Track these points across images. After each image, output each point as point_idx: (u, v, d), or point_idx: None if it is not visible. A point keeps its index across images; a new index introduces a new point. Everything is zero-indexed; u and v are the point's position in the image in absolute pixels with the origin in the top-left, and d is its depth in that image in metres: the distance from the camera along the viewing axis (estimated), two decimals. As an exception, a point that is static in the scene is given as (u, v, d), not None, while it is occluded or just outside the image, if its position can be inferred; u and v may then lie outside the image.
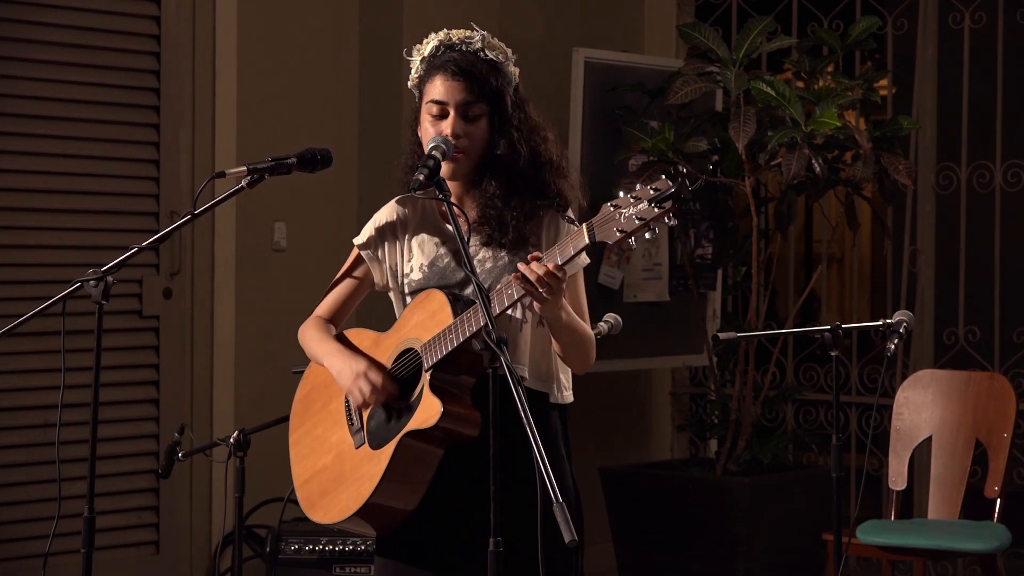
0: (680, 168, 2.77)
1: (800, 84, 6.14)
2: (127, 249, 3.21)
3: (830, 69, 6.19)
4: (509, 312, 2.98)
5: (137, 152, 5.70)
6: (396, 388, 3.10)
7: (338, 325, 3.31)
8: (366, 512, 3.06)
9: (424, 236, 3.24)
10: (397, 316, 3.23)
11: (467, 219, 3.16)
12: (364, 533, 3.23)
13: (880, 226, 6.53)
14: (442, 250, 3.19)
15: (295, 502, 5.99)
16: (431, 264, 3.19)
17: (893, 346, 4.09)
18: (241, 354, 5.92)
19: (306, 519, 5.91)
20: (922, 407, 5.19)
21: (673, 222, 2.74)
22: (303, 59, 6.11)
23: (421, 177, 3.02)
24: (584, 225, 2.81)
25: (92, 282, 3.11)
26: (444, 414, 2.95)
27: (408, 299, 3.21)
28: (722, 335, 4.62)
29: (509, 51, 3.19)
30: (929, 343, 6.59)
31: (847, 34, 5.95)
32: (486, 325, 2.84)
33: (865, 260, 10.52)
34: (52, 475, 5.26)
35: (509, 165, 3.12)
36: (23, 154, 5.46)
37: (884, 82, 7.08)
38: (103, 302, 3.11)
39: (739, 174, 5.87)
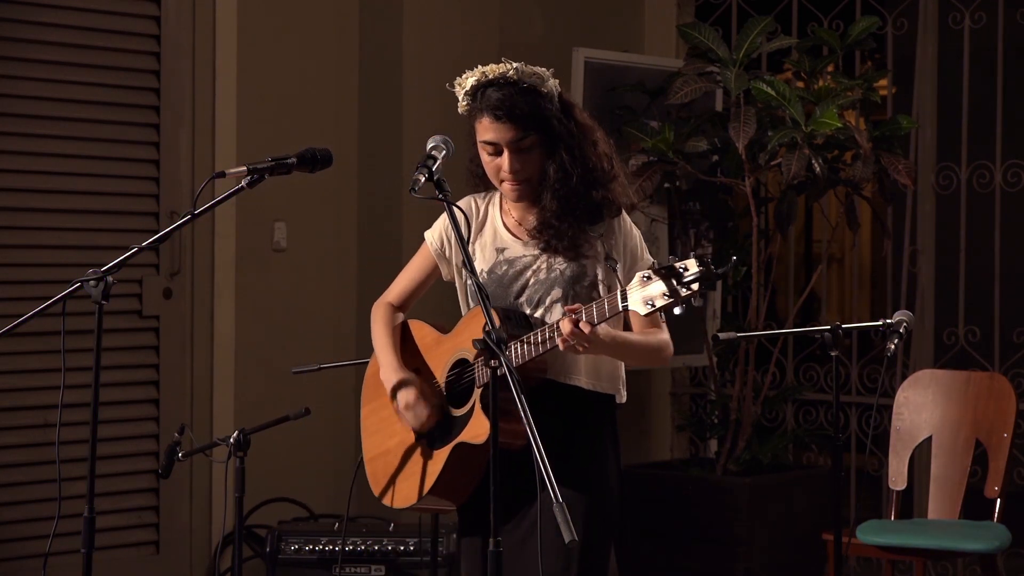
0: (708, 259, 2.86)
1: (800, 84, 6.15)
2: (127, 249, 3.22)
3: (830, 69, 6.19)
4: None
5: (137, 152, 5.70)
6: (439, 416, 3.33)
7: (406, 310, 3.51)
8: (426, 501, 3.35)
9: (486, 240, 3.36)
10: (460, 307, 3.40)
11: (468, 219, 3.32)
12: (439, 510, 3.53)
13: (880, 226, 6.53)
14: (501, 257, 3.32)
15: (295, 502, 6.00)
16: (490, 271, 3.32)
17: (893, 346, 4.09)
18: (241, 354, 5.92)
19: (306, 519, 5.93)
20: (922, 407, 5.18)
21: (699, 302, 2.88)
22: (303, 59, 6.11)
23: (421, 178, 3.11)
24: (619, 291, 2.96)
25: (92, 282, 3.11)
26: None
27: (469, 298, 3.37)
28: (722, 335, 4.62)
29: (544, 71, 3.28)
30: (929, 343, 6.59)
31: (847, 34, 5.95)
32: (486, 325, 2.91)
33: (865, 260, 10.52)
34: (52, 475, 5.25)
35: (563, 186, 3.25)
36: (23, 154, 5.46)
37: (884, 82, 7.08)
38: (103, 302, 3.11)
39: (739, 174, 5.87)
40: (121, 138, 5.67)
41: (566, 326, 3.01)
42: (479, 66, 3.26)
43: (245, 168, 3.21)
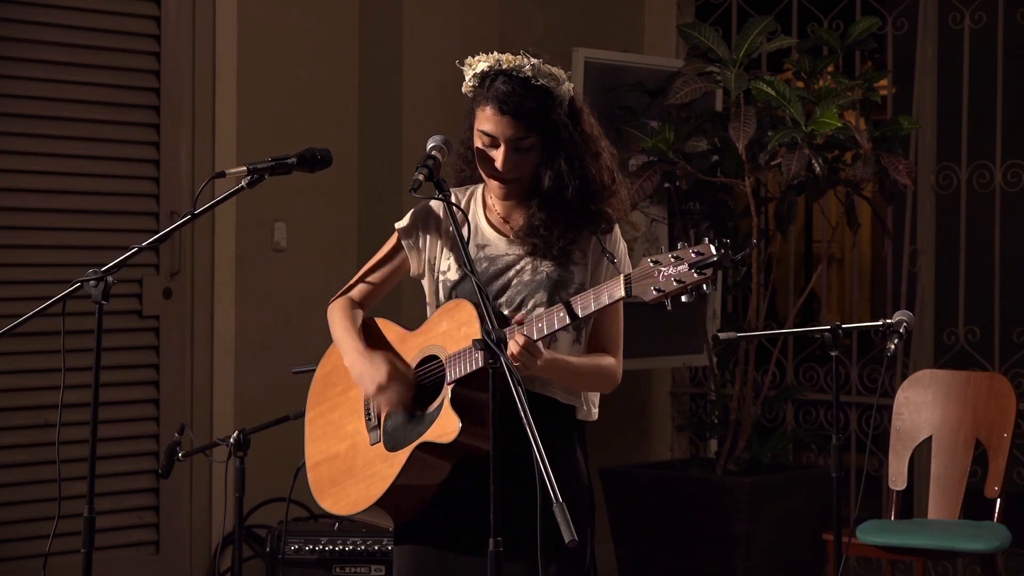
0: (726, 240, 2.76)
1: (800, 84, 6.15)
2: (127, 249, 3.21)
3: (830, 69, 6.19)
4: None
5: (137, 152, 5.70)
6: (411, 399, 3.13)
7: (367, 308, 3.33)
8: (375, 510, 3.14)
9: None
10: (428, 302, 3.26)
11: (467, 220, 3.21)
12: (378, 524, 3.26)
13: (880, 226, 6.53)
14: (481, 253, 3.20)
15: (296, 502, 6.01)
16: None
17: (893, 346, 4.08)
18: (241, 354, 5.92)
19: (306, 519, 5.93)
20: (922, 407, 5.18)
21: (712, 289, 2.77)
22: (303, 59, 6.11)
23: (420, 177, 3.07)
24: (621, 277, 2.85)
25: (92, 282, 3.11)
26: (462, 431, 2.99)
27: (441, 296, 3.22)
28: (722, 335, 4.62)
29: (561, 74, 3.14)
30: (929, 343, 6.59)
31: (847, 34, 5.95)
32: (485, 324, 2.87)
33: (865, 260, 10.52)
34: (52, 475, 5.26)
35: (556, 196, 3.13)
36: (23, 154, 5.46)
37: (884, 82, 7.08)
38: (103, 302, 3.11)
39: (739, 174, 5.87)
40: (121, 138, 5.67)
41: (514, 347, 2.90)
42: (495, 52, 3.14)
43: (245, 168, 3.20)
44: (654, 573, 6.07)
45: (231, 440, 3.97)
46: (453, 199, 3.22)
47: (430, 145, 3.14)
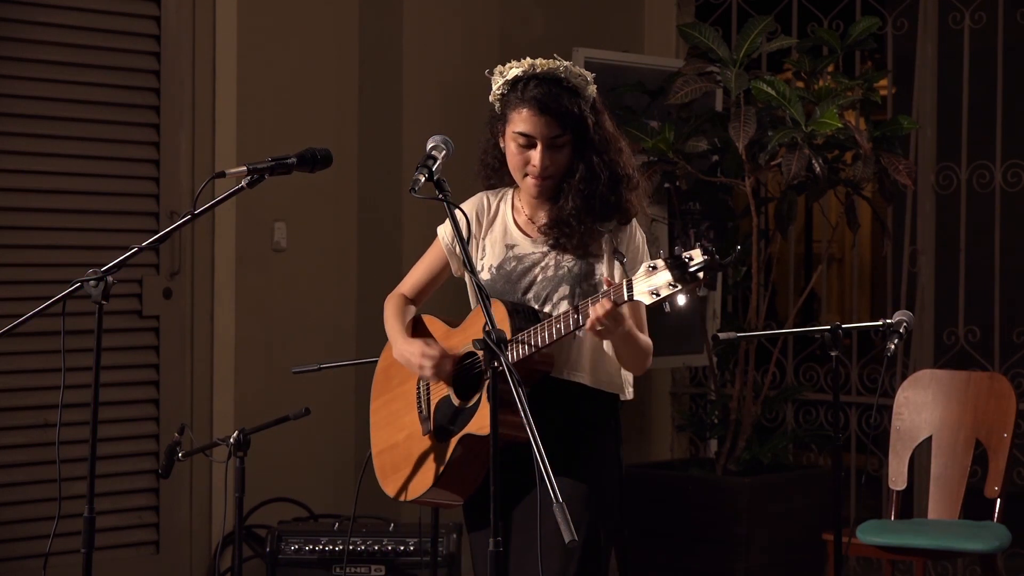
0: (712, 247, 2.90)
1: (800, 84, 6.15)
2: (127, 249, 3.22)
3: (830, 69, 6.19)
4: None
5: (137, 152, 5.70)
6: (451, 373, 3.33)
7: (419, 303, 3.55)
8: (433, 494, 3.38)
9: (496, 236, 3.43)
10: (470, 302, 3.47)
11: (467, 219, 3.37)
12: (446, 503, 3.51)
13: (880, 226, 6.53)
14: (510, 254, 3.39)
15: (295, 502, 6.00)
16: (499, 267, 3.38)
17: (893, 346, 4.09)
18: (241, 354, 5.92)
19: (306, 519, 5.93)
20: (922, 407, 5.18)
21: (704, 292, 2.94)
22: (303, 59, 6.11)
23: (421, 177, 3.15)
24: (624, 282, 3.02)
25: (92, 282, 3.12)
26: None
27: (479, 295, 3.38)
28: (722, 335, 4.63)
29: (588, 75, 3.34)
30: (929, 343, 6.59)
31: (847, 34, 5.96)
32: (486, 325, 2.94)
33: (865, 260, 10.52)
34: (52, 475, 5.26)
35: (588, 187, 3.32)
36: (23, 154, 5.46)
37: (884, 82, 7.08)
38: (103, 302, 3.11)
39: (739, 174, 5.87)
40: (121, 138, 5.67)
41: (600, 310, 3.06)
42: (527, 58, 3.32)
43: (245, 168, 3.21)
44: (654, 573, 6.07)
45: (231, 440, 3.98)
46: (485, 201, 3.46)
47: (430, 145, 3.21)
